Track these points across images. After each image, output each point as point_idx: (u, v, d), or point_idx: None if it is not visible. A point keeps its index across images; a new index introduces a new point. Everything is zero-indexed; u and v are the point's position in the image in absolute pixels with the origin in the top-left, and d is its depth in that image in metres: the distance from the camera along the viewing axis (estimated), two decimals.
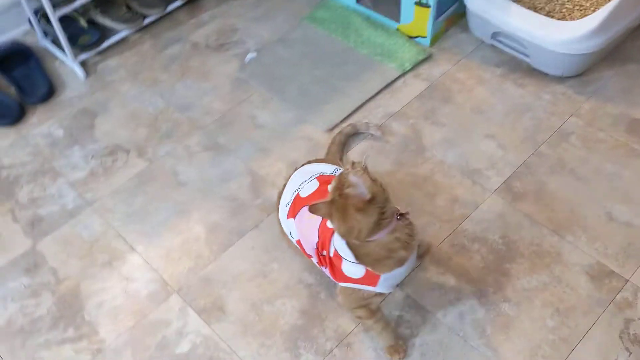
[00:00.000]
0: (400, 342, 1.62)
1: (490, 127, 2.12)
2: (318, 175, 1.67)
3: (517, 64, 2.33)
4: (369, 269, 1.44)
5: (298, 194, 1.65)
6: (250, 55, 2.45)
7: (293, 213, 1.64)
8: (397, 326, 1.68)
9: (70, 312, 1.79)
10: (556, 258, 1.78)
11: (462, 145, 2.08)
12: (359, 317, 1.59)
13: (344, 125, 2.12)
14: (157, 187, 2.06)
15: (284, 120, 2.22)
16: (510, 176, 1.98)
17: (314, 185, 1.63)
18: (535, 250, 1.80)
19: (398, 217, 1.41)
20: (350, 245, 1.43)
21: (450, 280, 1.76)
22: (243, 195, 2.01)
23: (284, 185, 1.73)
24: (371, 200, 1.31)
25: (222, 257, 1.86)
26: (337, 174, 1.41)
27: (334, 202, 1.34)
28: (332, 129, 2.16)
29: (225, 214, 1.96)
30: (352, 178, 1.31)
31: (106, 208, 2.02)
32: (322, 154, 2.09)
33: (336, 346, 1.66)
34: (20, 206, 2.05)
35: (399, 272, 1.48)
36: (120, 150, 2.18)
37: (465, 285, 1.74)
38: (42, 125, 2.29)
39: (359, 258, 1.43)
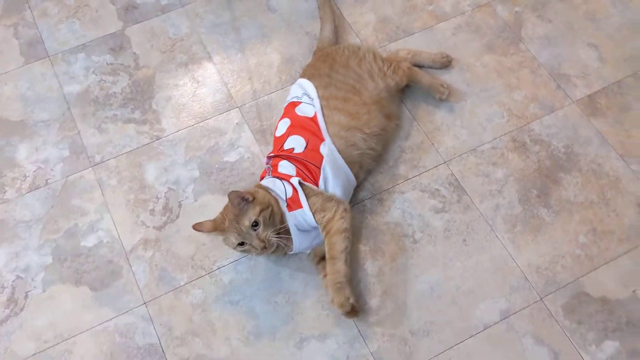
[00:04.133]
0: None
1: (597, 36, 1.98)
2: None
3: None
4: None
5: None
6: None
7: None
8: (432, 197, 1.71)
9: (141, 97, 1.91)
10: (613, 182, 1.72)
11: (560, 46, 1.97)
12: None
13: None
14: (248, 6, 2.08)
15: None
16: (598, 91, 1.88)
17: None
18: (595, 169, 1.75)
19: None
20: None
21: (498, 172, 1.75)
22: None
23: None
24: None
25: (288, 88, 1.90)
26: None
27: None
28: None
29: (303, 50, 1.98)
30: (230, 237, 1.51)
31: (196, 13, 2.07)
32: (415, 18, 2.03)
33: (368, 198, 1.72)
34: None
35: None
36: None
37: (512, 181, 1.73)
38: None
39: None
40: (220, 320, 1.57)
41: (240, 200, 1.48)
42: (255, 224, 1.47)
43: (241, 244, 1.49)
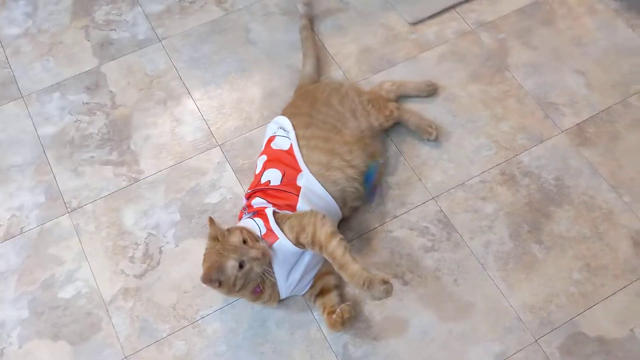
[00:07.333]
0: None
1: (584, 62, 1.95)
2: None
3: (636, 1, 2.08)
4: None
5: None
6: None
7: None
8: (421, 236, 1.66)
9: (118, 137, 1.86)
10: (606, 215, 1.68)
11: (547, 74, 1.93)
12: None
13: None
14: (227, 40, 2.03)
15: (369, 2, 2.10)
16: (586, 119, 1.84)
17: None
18: (586, 202, 1.70)
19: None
20: None
21: (488, 207, 1.70)
22: None
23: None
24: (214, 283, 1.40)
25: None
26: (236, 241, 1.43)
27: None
28: (416, 24, 2.04)
29: (285, 83, 1.93)
30: (228, 264, 1.39)
31: (174, 47, 2.02)
32: (398, 47, 1.99)
33: (356, 238, 1.67)
34: (95, 25, 2.08)
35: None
36: None
37: (502, 216, 1.69)
38: None
39: None
40: None
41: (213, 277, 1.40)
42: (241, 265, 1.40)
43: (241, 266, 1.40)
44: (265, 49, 2.01)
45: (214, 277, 1.38)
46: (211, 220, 1.47)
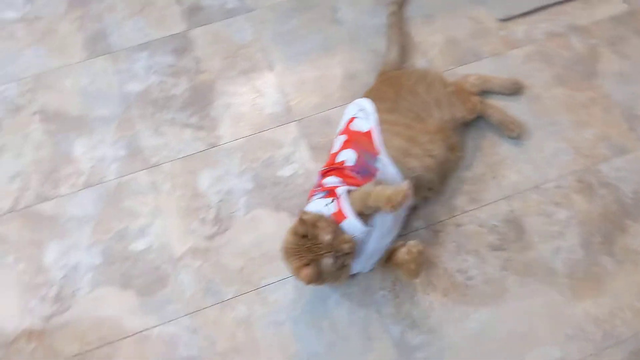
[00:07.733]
0: None
1: None
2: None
3: None
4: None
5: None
6: None
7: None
8: (490, 234, 1.65)
9: (200, 102, 1.90)
10: None
11: (636, 85, 1.88)
12: None
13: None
14: (314, 16, 2.04)
15: None
16: None
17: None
18: None
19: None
20: None
21: (561, 213, 1.68)
22: None
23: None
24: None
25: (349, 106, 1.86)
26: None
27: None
28: (506, 20, 2.01)
29: (367, 67, 1.94)
30: (325, 262, 1.40)
31: (261, 19, 2.05)
32: (485, 42, 1.96)
33: (423, 228, 1.67)
34: None
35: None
36: None
37: (575, 224, 1.66)
38: None
39: None
40: (263, 339, 1.55)
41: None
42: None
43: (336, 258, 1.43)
44: (350, 30, 2.01)
45: (315, 277, 1.40)
46: (303, 219, 1.41)
